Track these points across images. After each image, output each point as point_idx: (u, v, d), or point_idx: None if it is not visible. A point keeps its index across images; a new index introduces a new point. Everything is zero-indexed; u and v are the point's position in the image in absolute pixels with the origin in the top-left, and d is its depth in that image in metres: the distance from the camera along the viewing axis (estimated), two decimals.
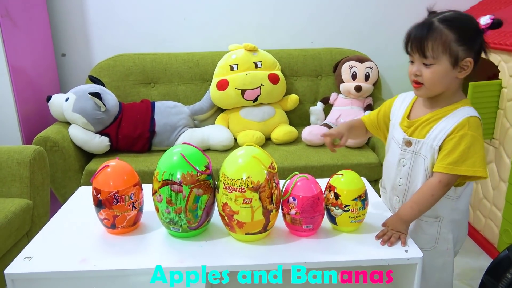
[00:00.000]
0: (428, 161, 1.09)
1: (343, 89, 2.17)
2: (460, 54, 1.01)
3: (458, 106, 1.07)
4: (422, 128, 1.10)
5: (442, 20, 1.01)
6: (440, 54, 1.00)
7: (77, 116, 1.87)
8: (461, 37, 1.00)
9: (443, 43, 1.00)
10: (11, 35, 1.86)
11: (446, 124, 1.05)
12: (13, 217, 1.38)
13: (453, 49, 1.00)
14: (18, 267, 1.00)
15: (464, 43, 1.00)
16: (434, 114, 1.09)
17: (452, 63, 1.01)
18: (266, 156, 1.06)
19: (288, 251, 1.06)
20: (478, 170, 1.02)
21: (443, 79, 1.03)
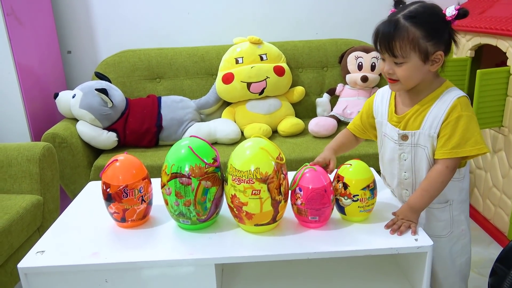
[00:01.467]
0: (428, 150, 1.09)
1: (349, 80, 2.16)
2: (430, 49, 1.00)
3: (443, 90, 1.07)
4: (414, 120, 1.09)
5: (407, 17, 0.99)
6: (409, 52, 0.99)
7: (84, 112, 1.88)
8: (428, 32, 0.99)
9: (410, 41, 0.98)
10: (17, 34, 1.87)
11: (438, 110, 1.06)
12: (25, 213, 1.40)
13: (422, 46, 0.99)
14: (30, 261, 1.01)
15: (432, 38, 0.99)
16: (422, 103, 1.08)
17: (422, 59, 1.01)
18: (274, 147, 1.06)
19: (297, 241, 1.06)
20: (481, 147, 1.04)
21: (416, 75, 1.03)
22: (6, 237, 1.30)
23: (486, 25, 1.84)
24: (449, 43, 1.04)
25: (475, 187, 2.00)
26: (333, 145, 1.28)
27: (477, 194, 1.99)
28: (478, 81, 1.66)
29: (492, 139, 1.85)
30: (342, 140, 1.31)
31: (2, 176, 1.51)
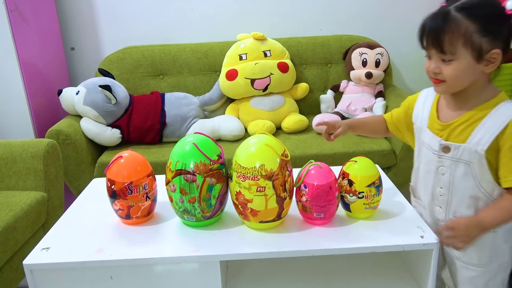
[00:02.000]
0: (475, 167, 0.95)
1: (353, 76, 2.15)
2: (484, 46, 0.87)
3: (498, 102, 0.92)
4: (462, 131, 0.95)
5: (461, 9, 0.87)
6: (460, 49, 0.88)
7: (88, 109, 1.88)
8: (484, 26, 0.86)
9: (462, 35, 0.87)
10: (21, 30, 1.87)
11: (492, 125, 0.91)
12: (29, 210, 1.40)
13: (475, 42, 0.87)
14: (36, 258, 1.02)
15: (488, 33, 0.86)
16: (473, 113, 0.94)
17: (475, 57, 0.88)
18: (279, 144, 1.06)
19: (302, 238, 1.06)
20: None
21: (467, 76, 0.91)
22: (11, 233, 1.30)
23: None
24: (509, 41, 0.89)
25: None
26: (354, 120, 1.22)
27: None
28: None
29: None
30: (369, 120, 1.22)
31: (7, 172, 1.51)
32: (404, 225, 1.09)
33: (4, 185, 1.52)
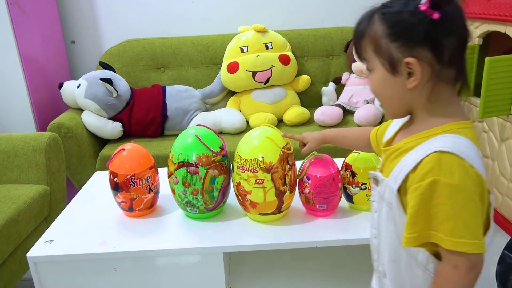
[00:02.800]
0: (395, 209, 0.69)
1: (355, 69, 2.14)
2: (394, 53, 0.65)
3: (438, 132, 0.66)
4: (391, 161, 0.72)
5: (382, 7, 0.69)
6: (372, 56, 0.69)
7: (89, 102, 1.87)
8: (392, 29, 0.65)
9: (372, 39, 0.68)
10: (21, 24, 1.86)
11: (411, 158, 0.67)
12: (32, 203, 1.40)
13: (383, 48, 0.66)
14: (39, 251, 1.02)
15: (398, 37, 0.65)
16: (406, 142, 0.70)
17: (387, 68, 0.67)
18: (281, 137, 1.06)
19: (305, 230, 1.06)
20: (459, 242, 0.60)
21: (387, 91, 0.70)
22: (14, 226, 1.30)
23: (494, 12, 1.81)
24: (434, 47, 0.64)
25: None
26: (332, 132, 1.08)
27: None
28: (486, 69, 1.64)
29: (500, 127, 1.83)
30: (350, 135, 1.03)
31: (9, 166, 1.51)
32: None
33: (7, 179, 1.52)
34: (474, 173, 0.62)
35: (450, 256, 0.62)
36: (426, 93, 0.67)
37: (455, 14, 0.63)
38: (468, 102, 2.08)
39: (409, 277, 0.70)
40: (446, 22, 0.62)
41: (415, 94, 0.67)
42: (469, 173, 0.62)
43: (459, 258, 0.61)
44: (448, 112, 0.68)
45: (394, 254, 0.72)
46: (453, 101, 0.69)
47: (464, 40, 0.66)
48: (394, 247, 0.71)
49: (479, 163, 0.64)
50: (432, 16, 0.61)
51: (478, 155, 0.65)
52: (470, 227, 0.61)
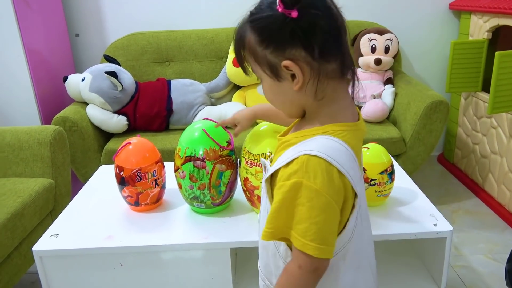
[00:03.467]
0: (265, 201, 0.72)
1: (362, 63, 2.11)
2: (271, 59, 0.64)
3: (317, 133, 0.66)
4: (279, 151, 0.71)
5: (250, 15, 0.66)
6: (254, 66, 0.68)
7: (94, 95, 1.86)
8: (262, 36, 0.64)
9: (249, 50, 0.66)
10: (26, 17, 1.84)
11: (285, 156, 0.67)
12: (37, 196, 1.39)
13: (260, 56, 0.65)
14: (45, 245, 1.01)
15: (269, 43, 0.64)
16: (293, 136, 0.70)
17: (270, 74, 0.66)
18: None
19: None
20: (308, 244, 0.61)
21: (278, 97, 0.70)
22: (19, 220, 1.29)
23: (505, 5, 1.78)
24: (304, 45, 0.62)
25: (490, 172, 1.97)
26: (263, 108, 1.02)
27: (492, 179, 1.95)
28: (496, 64, 1.61)
29: (509, 123, 1.81)
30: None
31: (14, 159, 1.50)
32: (416, 213, 1.08)
33: (12, 172, 1.51)
34: (338, 179, 0.62)
35: (298, 255, 0.63)
36: (312, 91, 0.66)
37: (315, 8, 0.61)
38: (476, 97, 2.06)
39: (273, 265, 0.73)
40: (306, 17, 0.60)
41: (302, 94, 0.66)
42: (332, 179, 0.62)
43: (305, 259, 0.62)
44: (332, 111, 0.68)
45: (264, 241, 0.74)
46: (340, 98, 0.68)
47: (335, 30, 0.63)
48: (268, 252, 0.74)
49: (350, 167, 0.64)
50: (291, 15, 0.60)
51: (351, 159, 0.65)
52: (322, 232, 0.62)
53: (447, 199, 2.05)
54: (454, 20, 2.32)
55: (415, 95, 1.85)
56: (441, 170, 2.39)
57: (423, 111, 1.74)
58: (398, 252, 1.20)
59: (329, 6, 0.63)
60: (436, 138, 1.80)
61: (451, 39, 2.28)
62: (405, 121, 1.84)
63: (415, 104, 1.80)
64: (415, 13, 2.32)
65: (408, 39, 2.32)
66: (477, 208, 1.97)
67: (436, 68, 2.40)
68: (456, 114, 2.26)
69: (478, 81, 2.02)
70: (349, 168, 0.64)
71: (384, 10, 2.32)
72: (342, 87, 0.68)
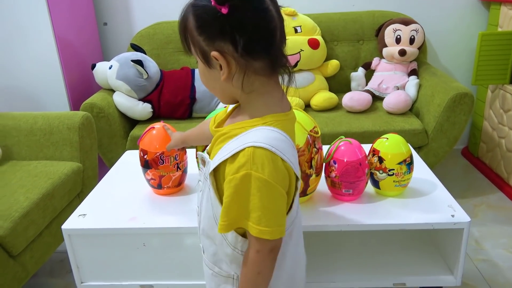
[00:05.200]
0: (212, 191, 0.74)
1: (386, 54, 2.09)
2: (204, 46, 0.68)
3: (257, 124, 0.70)
4: (218, 144, 0.74)
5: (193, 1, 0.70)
6: (192, 49, 0.71)
7: (120, 83, 1.91)
8: (198, 23, 0.68)
9: (189, 33, 0.70)
10: (56, 7, 1.90)
11: (228, 148, 0.70)
12: (66, 179, 1.46)
13: (196, 41, 0.69)
14: (73, 223, 1.07)
15: (202, 32, 0.67)
16: (232, 127, 0.73)
17: (203, 60, 0.70)
18: (309, 120, 1.05)
19: (330, 214, 1.06)
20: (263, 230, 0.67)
21: (209, 82, 0.74)
22: (50, 200, 1.36)
23: None
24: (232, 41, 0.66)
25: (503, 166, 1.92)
26: (193, 133, 1.05)
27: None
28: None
29: None
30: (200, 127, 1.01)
31: (45, 143, 1.57)
32: (434, 204, 1.08)
33: (43, 155, 1.58)
34: (283, 167, 0.68)
35: (255, 242, 0.69)
36: (238, 84, 0.69)
37: (246, 7, 0.64)
38: (503, 90, 2.01)
39: (222, 253, 0.78)
40: (236, 15, 0.64)
41: (230, 85, 0.70)
42: (278, 168, 0.67)
43: (262, 243, 0.68)
44: (266, 103, 0.71)
45: (210, 232, 0.78)
46: (270, 91, 0.71)
47: (265, 31, 0.67)
48: (211, 225, 0.77)
49: (291, 154, 0.70)
50: (221, 11, 0.63)
51: (290, 146, 0.71)
52: (274, 216, 0.68)
53: (470, 193, 2.03)
54: (484, 10, 2.26)
55: (439, 87, 1.82)
56: (465, 164, 2.35)
57: (446, 103, 1.72)
58: (416, 242, 1.21)
59: (266, 8, 0.66)
60: (460, 131, 1.77)
61: (479, 30, 2.23)
62: (428, 113, 1.82)
63: (439, 96, 1.78)
64: (443, 3, 2.27)
65: (435, 30, 2.28)
66: (501, 202, 1.94)
67: (463, 60, 2.35)
68: (482, 107, 2.22)
69: (506, 73, 1.97)
70: (290, 156, 0.69)
71: (411, 0, 2.28)
72: (272, 82, 0.72)
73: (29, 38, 1.88)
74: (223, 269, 0.79)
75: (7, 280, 1.18)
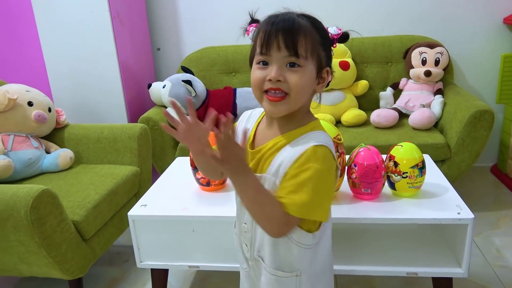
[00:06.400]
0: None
1: (412, 74, 2.25)
2: (323, 60, 0.81)
3: (308, 130, 0.81)
4: (267, 158, 0.82)
5: (304, 17, 0.80)
6: (309, 55, 0.78)
7: None
8: (323, 40, 0.81)
9: (312, 42, 0.78)
10: (120, 34, 2.22)
11: (290, 153, 0.79)
12: (127, 180, 1.71)
13: (319, 53, 0.80)
14: (137, 211, 1.30)
15: (325, 49, 0.82)
16: (280, 139, 0.81)
17: (316, 69, 0.80)
18: (333, 129, 1.25)
19: (351, 209, 1.24)
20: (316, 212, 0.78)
21: (308, 89, 0.80)
22: (114, 196, 1.62)
23: None
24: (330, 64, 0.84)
25: None
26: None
27: None
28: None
29: None
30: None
31: (110, 150, 1.85)
32: (443, 204, 1.23)
33: (107, 160, 1.86)
34: (334, 159, 0.80)
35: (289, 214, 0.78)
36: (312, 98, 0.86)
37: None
38: None
39: (287, 255, 0.86)
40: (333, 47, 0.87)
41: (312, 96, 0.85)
42: (332, 161, 0.80)
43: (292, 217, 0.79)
44: (311, 113, 0.86)
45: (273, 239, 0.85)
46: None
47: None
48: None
49: (333, 148, 0.82)
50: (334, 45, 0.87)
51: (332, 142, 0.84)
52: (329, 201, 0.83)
53: (496, 206, 2.11)
54: (508, 33, 2.38)
55: (461, 105, 1.96)
56: (494, 180, 2.42)
57: (467, 119, 1.85)
58: (427, 238, 1.35)
59: None
60: (481, 145, 1.89)
61: (504, 51, 2.34)
62: (451, 128, 1.96)
63: (461, 113, 1.91)
64: (469, 27, 2.41)
65: (461, 52, 2.41)
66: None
67: (489, 80, 2.46)
68: (509, 125, 2.31)
69: None
70: (332, 149, 0.82)
71: (438, 25, 2.43)
72: None
73: (97, 62, 2.20)
74: (286, 271, 0.87)
75: (80, 259, 1.42)
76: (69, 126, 1.96)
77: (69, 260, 1.36)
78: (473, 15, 2.38)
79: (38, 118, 1.79)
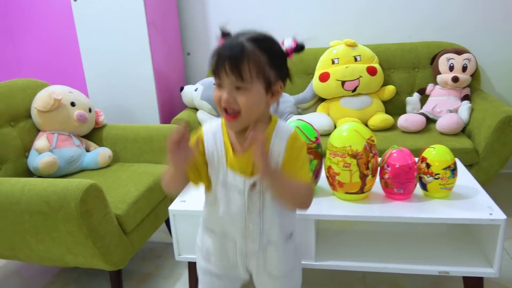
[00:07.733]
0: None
1: (440, 80, 2.27)
2: (272, 78, 0.90)
3: (274, 124, 0.96)
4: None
5: (252, 40, 0.89)
6: (255, 78, 0.88)
7: (204, 103, 2.26)
8: (272, 59, 0.90)
9: (257, 65, 0.88)
10: (155, 39, 2.32)
11: (278, 146, 0.93)
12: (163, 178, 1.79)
13: (266, 73, 0.89)
14: (176, 206, 1.38)
15: (274, 66, 0.90)
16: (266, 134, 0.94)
17: (265, 87, 0.90)
18: (367, 131, 1.30)
19: (383, 208, 1.28)
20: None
21: (258, 106, 0.90)
22: (152, 193, 1.70)
23: None
24: (286, 77, 0.95)
25: None
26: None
27: None
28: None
29: None
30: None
31: (146, 149, 1.94)
32: (475, 205, 1.26)
33: (143, 159, 1.94)
34: None
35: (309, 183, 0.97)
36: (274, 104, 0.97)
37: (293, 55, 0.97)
38: None
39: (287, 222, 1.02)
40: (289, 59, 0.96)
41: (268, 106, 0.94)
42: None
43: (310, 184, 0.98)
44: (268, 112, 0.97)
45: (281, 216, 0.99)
46: None
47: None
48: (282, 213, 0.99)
49: None
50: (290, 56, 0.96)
51: None
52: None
53: None
54: None
55: (490, 110, 1.97)
56: None
57: (496, 125, 1.86)
58: (459, 238, 1.38)
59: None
60: (510, 151, 1.90)
61: None
62: (479, 134, 1.98)
63: (489, 119, 1.93)
64: (496, 35, 2.42)
65: (488, 59, 2.43)
66: None
67: None
68: None
69: None
70: None
71: (465, 32, 2.45)
72: None
73: (132, 66, 2.30)
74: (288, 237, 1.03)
75: (121, 251, 1.50)
76: (107, 126, 2.06)
77: (112, 252, 1.44)
78: (501, 22, 2.40)
79: (80, 117, 1.89)
